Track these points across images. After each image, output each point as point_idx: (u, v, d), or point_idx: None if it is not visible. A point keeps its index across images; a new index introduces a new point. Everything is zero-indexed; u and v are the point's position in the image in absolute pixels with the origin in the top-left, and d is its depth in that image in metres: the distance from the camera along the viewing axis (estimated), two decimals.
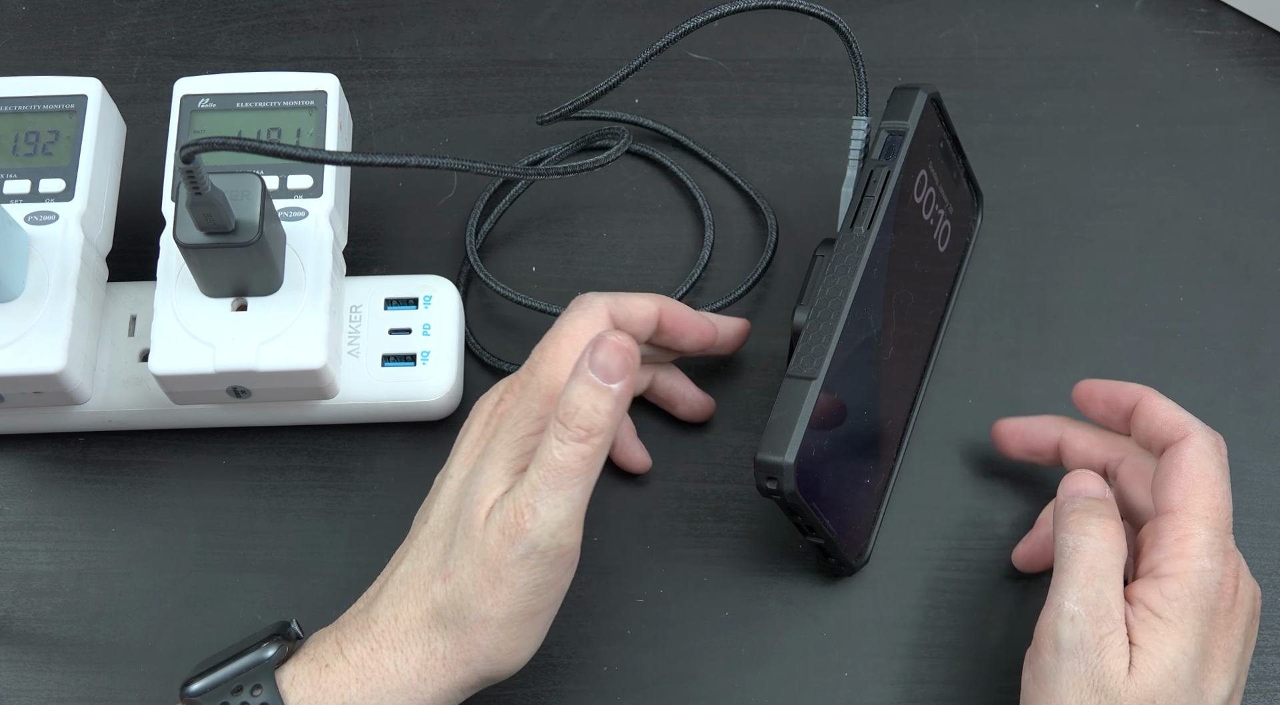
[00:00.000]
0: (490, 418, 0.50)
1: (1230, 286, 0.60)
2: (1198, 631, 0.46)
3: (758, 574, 0.55)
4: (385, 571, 0.49)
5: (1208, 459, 0.48)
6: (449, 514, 0.48)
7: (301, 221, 0.54)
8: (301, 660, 0.47)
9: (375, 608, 0.48)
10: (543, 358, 0.49)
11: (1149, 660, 0.45)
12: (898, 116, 0.53)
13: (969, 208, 0.59)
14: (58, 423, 0.56)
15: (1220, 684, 0.46)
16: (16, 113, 0.55)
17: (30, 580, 0.55)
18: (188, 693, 0.46)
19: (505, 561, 0.45)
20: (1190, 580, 0.46)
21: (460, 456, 0.50)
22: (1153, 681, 0.45)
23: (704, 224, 0.61)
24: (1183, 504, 0.48)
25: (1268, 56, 0.65)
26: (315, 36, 0.67)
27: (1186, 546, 0.47)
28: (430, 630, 0.47)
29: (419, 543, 0.48)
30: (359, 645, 0.47)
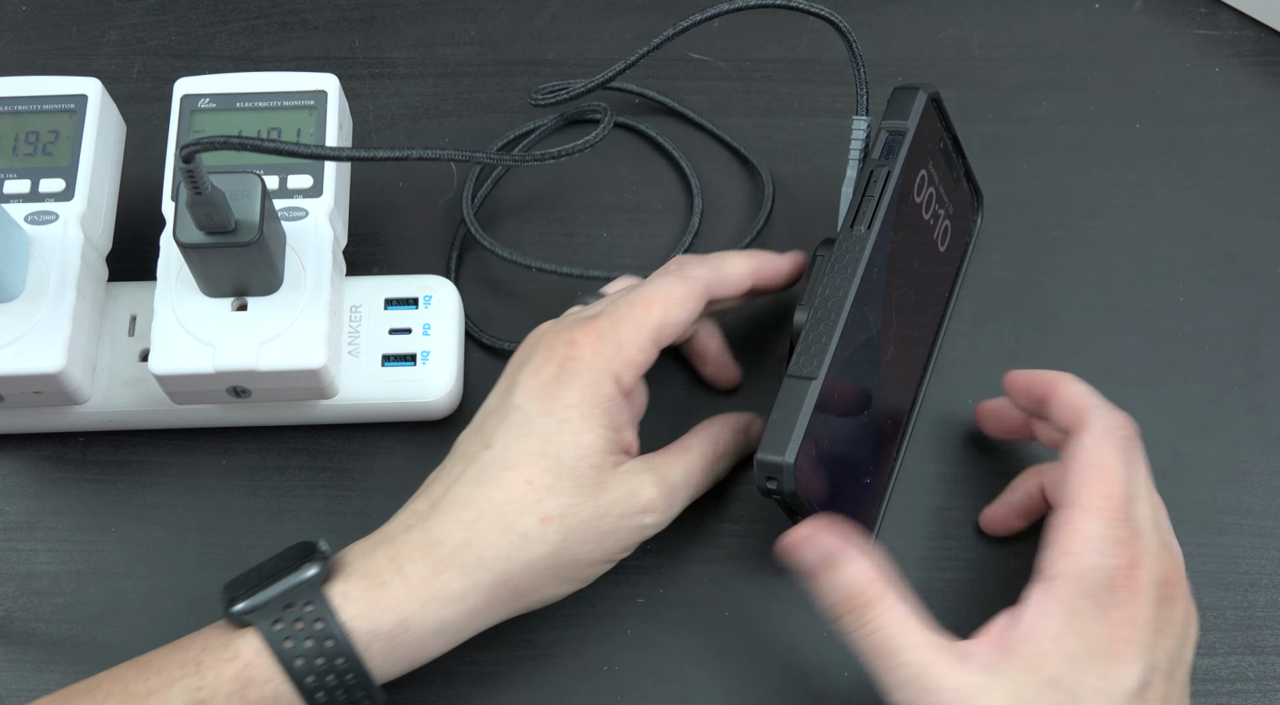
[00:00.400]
0: (562, 359, 0.49)
1: (1230, 286, 0.60)
2: (1087, 633, 0.45)
3: (758, 574, 0.55)
4: (434, 489, 0.49)
5: (1103, 445, 0.47)
6: (531, 451, 0.48)
7: (301, 221, 0.54)
8: (352, 577, 0.47)
9: (440, 528, 0.47)
10: (629, 315, 0.50)
11: (1026, 672, 0.44)
12: (898, 116, 0.53)
13: (969, 208, 0.59)
14: (58, 423, 0.56)
15: (1126, 676, 0.44)
16: (16, 113, 0.55)
17: (30, 580, 0.55)
18: (234, 612, 0.46)
19: (628, 526, 0.49)
20: (1077, 580, 0.45)
21: (524, 389, 0.49)
22: (1030, 695, 0.44)
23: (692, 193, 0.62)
24: (1074, 498, 0.47)
25: (1268, 56, 0.65)
26: (315, 36, 0.67)
27: (1072, 543, 0.46)
28: (509, 562, 0.47)
29: (489, 471, 0.48)
30: (420, 565, 0.47)
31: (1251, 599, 0.55)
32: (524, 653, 0.54)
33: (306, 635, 0.45)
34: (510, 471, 0.48)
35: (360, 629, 0.46)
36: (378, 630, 0.46)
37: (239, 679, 0.45)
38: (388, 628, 0.46)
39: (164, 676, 0.45)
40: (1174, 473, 0.56)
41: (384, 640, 0.46)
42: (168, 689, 0.45)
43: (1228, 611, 0.54)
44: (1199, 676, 0.53)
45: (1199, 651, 0.53)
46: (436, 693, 0.52)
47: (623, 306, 0.50)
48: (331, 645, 0.45)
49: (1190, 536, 0.55)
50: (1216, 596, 0.55)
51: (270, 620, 0.46)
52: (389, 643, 0.46)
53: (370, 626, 0.46)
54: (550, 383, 0.49)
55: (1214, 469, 0.57)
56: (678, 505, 0.51)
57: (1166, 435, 0.57)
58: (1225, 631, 0.54)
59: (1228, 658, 0.54)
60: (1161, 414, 0.58)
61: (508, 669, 0.53)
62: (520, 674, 0.53)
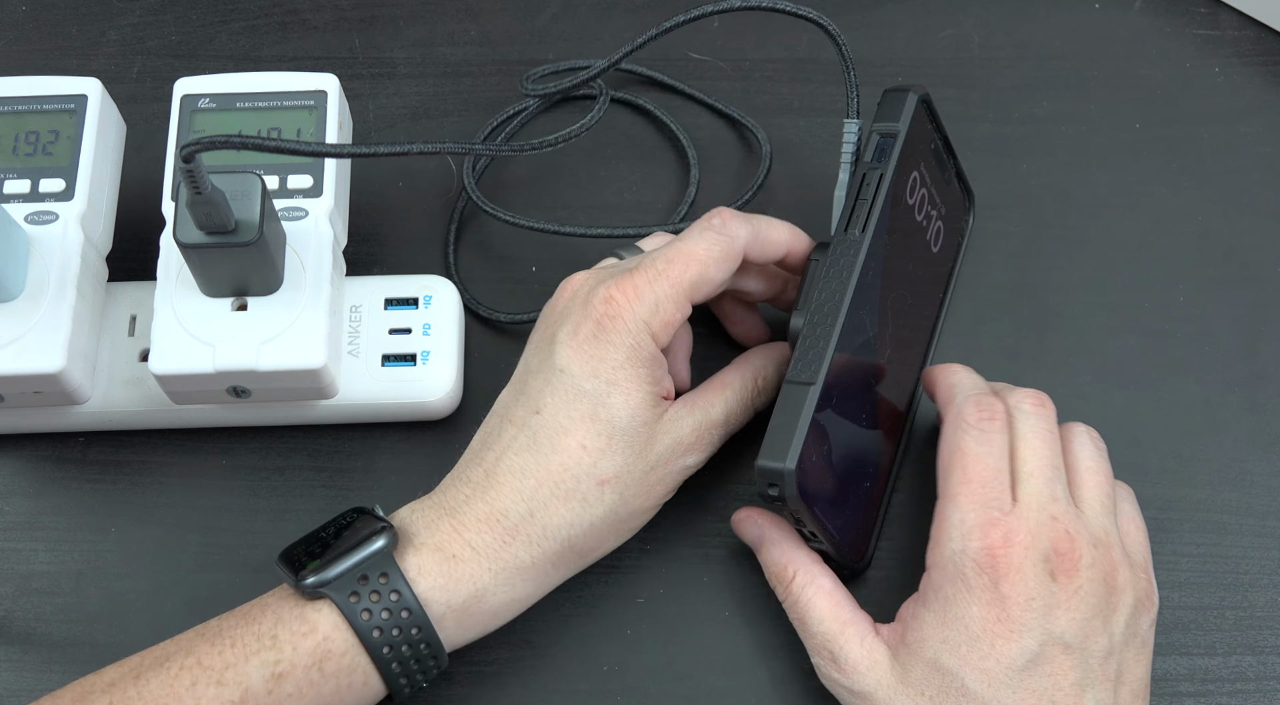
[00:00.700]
0: (600, 317, 0.49)
1: (1230, 286, 0.60)
2: (962, 615, 0.47)
3: (757, 574, 0.55)
4: (485, 456, 0.49)
5: (957, 433, 0.50)
6: (582, 414, 0.48)
7: (301, 221, 0.54)
8: (423, 549, 0.47)
9: (502, 499, 0.48)
10: (667, 272, 0.50)
11: (910, 656, 0.48)
12: (889, 119, 0.53)
13: (961, 207, 0.59)
14: (58, 423, 0.56)
15: (1010, 653, 0.46)
16: (16, 113, 0.55)
17: (30, 580, 0.55)
18: (307, 584, 0.46)
19: (673, 470, 0.51)
20: (945, 567, 0.47)
21: (566, 349, 0.49)
22: (916, 676, 0.47)
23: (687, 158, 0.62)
24: (941, 489, 0.49)
25: (1268, 56, 0.65)
26: (315, 36, 0.67)
27: (938, 532, 0.48)
28: (573, 528, 0.49)
29: (540, 437, 0.49)
30: (488, 537, 0.48)
31: (1251, 599, 0.55)
32: (524, 653, 0.54)
33: (383, 607, 0.46)
34: (564, 437, 0.48)
35: (436, 601, 0.47)
36: (452, 601, 0.47)
37: (316, 651, 0.46)
38: (461, 600, 0.47)
39: (239, 650, 0.46)
40: (1174, 473, 0.56)
41: (458, 611, 0.48)
42: (244, 662, 0.45)
43: (1228, 611, 0.54)
44: (1199, 676, 0.53)
45: (1199, 650, 0.54)
46: (437, 692, 0.52)
47: (660, 262, 0.50)
48: (407, 616, 0.46)
49: (1190, 536, 0.55)
50: (1216, 596, 0.55)
51: (346, 593, 0.46)
52: (462, 613, 0.48)
53: (445, 598, 0.47)
54: (591, 342, 0.49)
55: (1214, 469, 0.57)
56: (717, 442, 0.53)
57: (1166, 435, 0.57)
58: (1225, 631, 0.54)
59: (1228, 658, 0.53)
60: (1161, 414, 0.58)
61: (508, 669, 0.53)
62: (520, 674, 0.53)
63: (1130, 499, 0.52)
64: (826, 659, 0.49)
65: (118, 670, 0.46)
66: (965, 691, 0.46)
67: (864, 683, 0.48)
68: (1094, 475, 0.50)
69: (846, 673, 0.49)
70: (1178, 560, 0.55)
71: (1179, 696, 0.53)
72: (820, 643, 0.50)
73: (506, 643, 0.53)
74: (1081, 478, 0.50)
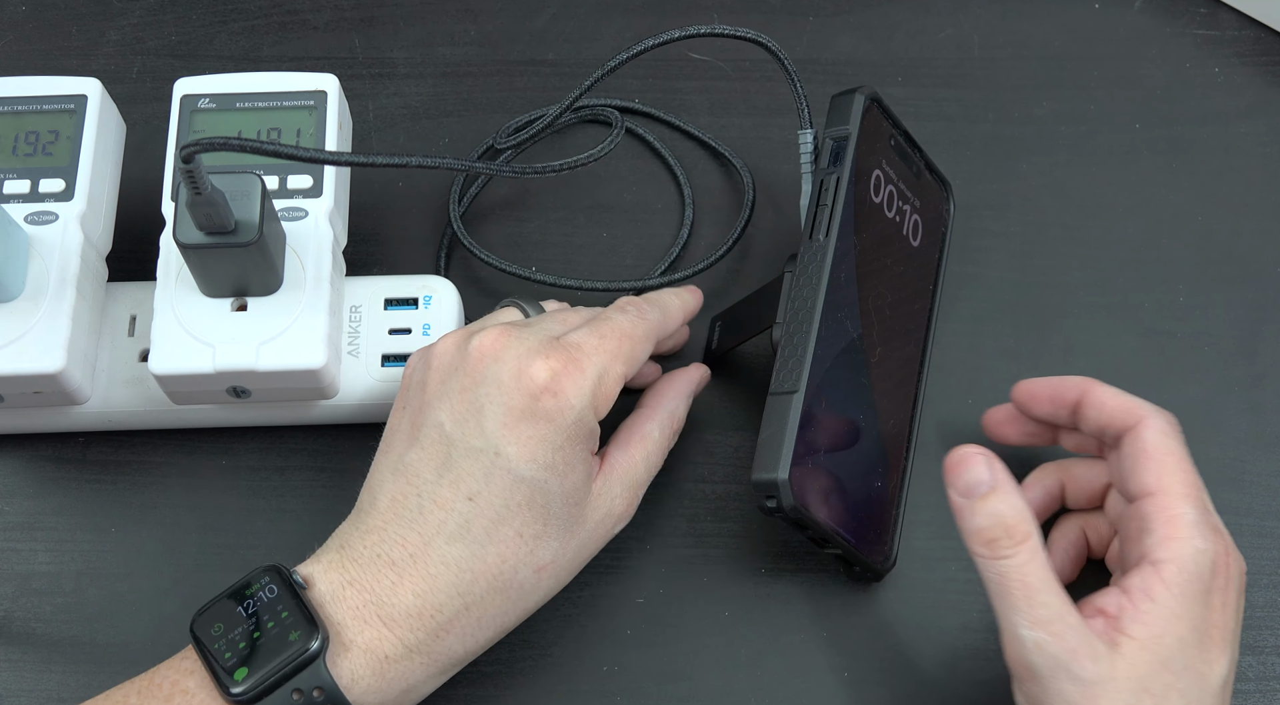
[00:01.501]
0: (539, 392, 0.47)
1: (1230, 286, 0.60)
2: (1195, 616, 0.45)
3: (758, 574, 0.55)
4: (407, 536, 0.46)
5: (1171, 439, 0.48)
6: (519, 502, 0.46)
7: (301, 221, 0.54)
8: (353, 651, 0.45)
9: (435, 595, 0.46)
10: (605, 347, 0.49)
11: (1142, 652, 0.44)
12: (839, 122, 0.53)
13: (938, 198, 0.59)
14: (58, 423, 0.56)
15: (1219, 663, 0.45)
16: (16, 113, 0.55)
17: (30, 580, 0.55)
18: (238, 696, 0.44)
19: (603, 537, 0.50)
20: (1187, 564, 0.45)
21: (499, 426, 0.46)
22: (1144, 671, 0.44)
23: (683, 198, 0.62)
24: (1160, 485, 0.47)
25: (1268, 56, 0.65)
26: (315, 36, 0.67)
27: (1177, 528, 0.46)
28: (507, 617, 0.48)
29: (474, 527, 0.46)
30: (421, 633, 0.46)
31: (1251, 599, 0.54)
32: (524, 653, 0.54)
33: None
34: (500, 527, 0.46)
35: (369, 704, 0.46)
36: (385, 701, 0.46)
37: None
38: (394, 696, 0.46)
39: None
40: None
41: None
42: None
43: None
44: None
45: None
46: (437, 692, 0.52)
47: (594, 337, 0.49)
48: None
49: None
50: None
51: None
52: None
53: (378, 699, 0.46)
54: (528, 423, 0.47)
55: (1214, 469, 0.57)
56: (640, 498, 0.52)
57: None
58: None
59: None
60: None
61: (508, 669, 0.53)
62: (520, 674, 0.53)
63: None
64: (1055, 635, 0.44)
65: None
66: (1184, 694, 0.44)
67: (1093, 671, 0.44)
68: None
69: (1079, 660, 0.44)
70: None
71: None
72: (1048, 616, 0.44)
73: (506, 643, 0.53)
74: None
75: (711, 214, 0.62)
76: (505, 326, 0.49)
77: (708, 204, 0.62)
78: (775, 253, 0.61)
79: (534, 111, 0.64)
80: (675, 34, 0.55)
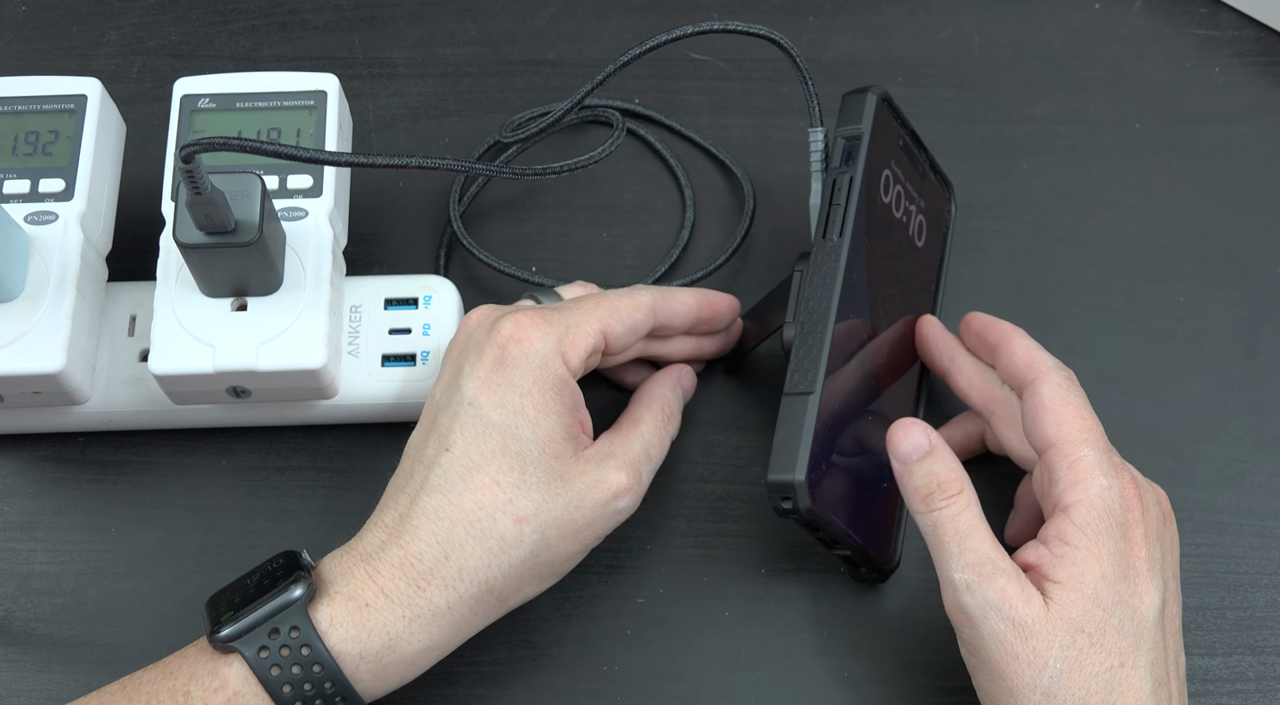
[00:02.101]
0: (505, 341, 0.48)
1: (1230, 286, 0.60)
2: (1114, 551, 0.46)
3: (758, 574, 0.55)
4: (399, 499, 0.48)
5: (1068, 391, 0.49)
6: (492, 448, 0.47)
7: (301, 221, 0.54)
8: (336, 599, 0.46)
9: (415, 543, 0.47)
10: (579, 305, 0.50)
11: (1068, 593, 0.46)
12: (851, 122, 0.53)
13: (941, 198, 0.59)
14: (58, 423, 0.56)
15: (1150, 595, 0.46)
16: (16, 113, 0.55)
17: (30, 580, 0.55)
18: (219, 637, 0.45)
19: (602, 514, 0.49)
20: (1095, 503, 0.47)
21: (472, 380, 0.48)
22: (1076, 612, 0.45)
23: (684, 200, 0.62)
24: (1059, 434, 0.48)
25: (1268, 56, 0.65)
26: (315, 36, 0.67)
27: (1079, 471, 0.47)
28: (490, 569, 0.47)
29: (451, 475, 0.47)
30: (401, 583, 0.46)
31: (1251, 599, 0.55)
32: (524, 653, 0.54)
33: (293, 661, 0.45)
34: (475, 474, 0.47)
35: (348, 652, 0.45)
36: (365, 652, 0.46)
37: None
38: (375, 650, 0.46)
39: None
40: (1174, 473, 0.56)
41: (371, 661, 0.46)
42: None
43: (1228, 611, 0.54)
44: (1199, 676, 0.53)
45: (1199, 651, 0.54)
46: (436, 692, 0.52)
47: (574, 302, 0.50)
48: (319, 671, 0.45)
49: (1190, 536, 0.55)
50: (1216, 596, 0.55)
51: (256, 647, 0.45)
52: (376, 664, 0.46)
53: (358, 649, 0.46)
54: (497, 370, 0.48)
55: (1214, 469, 0.57)
56: (645, 481, 0.51)
57: (1166, 435, 0.57)
58: (1225, 631, 0.54)
59: (1228, 658, 0.54)
60: (1161, 414, 0.58)
61: (508, 669, 0.53)
62: (520, 674, 0.53)
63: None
64: (984, 576, 0.46)
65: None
66: (1120, 629, 0.46)
67: (1025, 613, 0.45)
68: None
69: (1008, 599, 0.45)
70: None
71: None
72: (978, 558, 0.46)
73: (506, 643, 0.53)
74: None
75: (712, 214, 0.62)
76: (496, 305, 0.51)
77: (707, 204, 0.62)
78: (775, 253, 0.61)
79: (538, 108, 0.64)
80: (688, 29, 0.55)
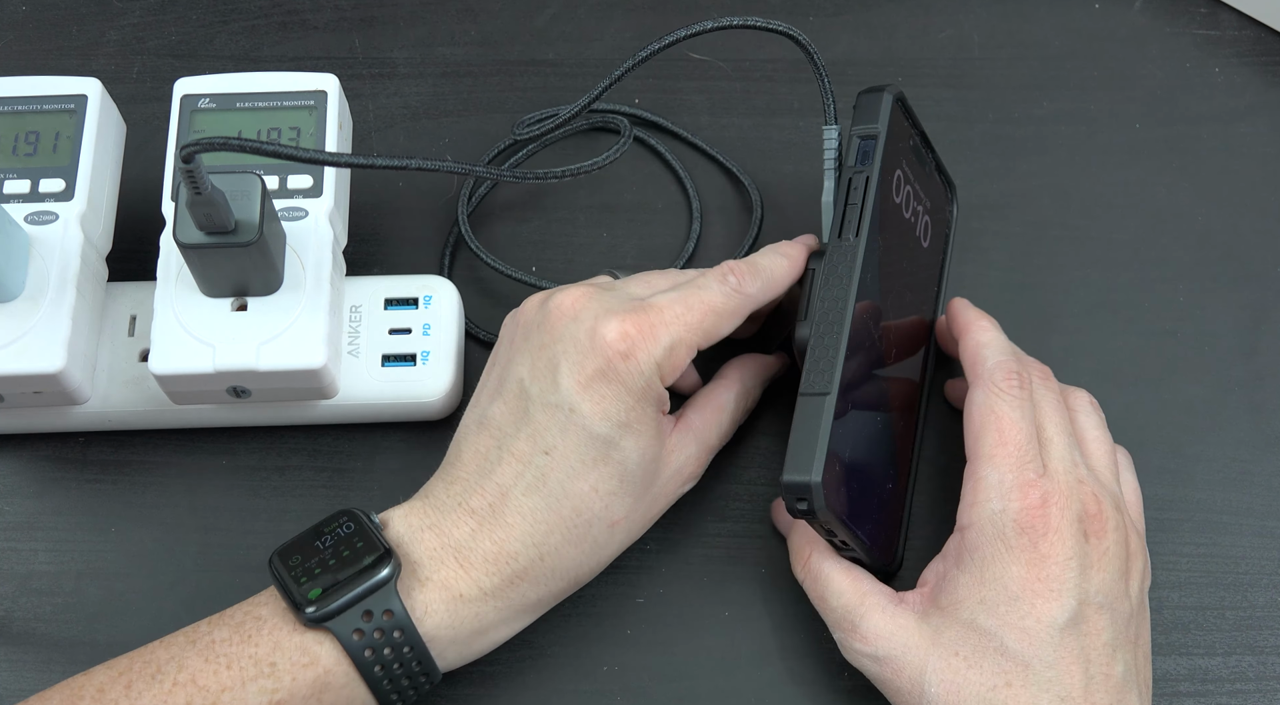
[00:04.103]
0: (613, 355, 0.48)
1: (1230, 286, 0.60)
2: (999, 576, 0.47)
3: (757, 574, 0.55)
4: (487, 486, 0.48)
5: (992, 396, 0.49)
6: (594, 457, 0.47)
7: (301, 221, 0.54)
8: (428, 585, 0.47)
9: (511, 543, 0.47)
10: (683, 318, 0.49)
11: (945, 619, 0.47)
12: (867, 121, 0.53)
13: (944, 200, 0.59)
14: (58, 423, 0.56)
15: (1051, 612, 0.46)
16: (16, 113, 0.55)
17: (30, 580, 0.55)
18: (311, 615, 0.45)
19: (672, 495, 0.52)
20: (985, 527, 0.47)
21: (574, 384, 0.47)
22: (950, 637, 0.47)
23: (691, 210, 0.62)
24: (972, 449, 0.49)
25: (1268, 56, 0.65)
26: (315, 36, 0.67)
27: (976, 493, 0.48)
28: (581, 568, 0.49)
29: (551, 479, 0.47)
30: (496, 578, 0.47)
31: (1251, 599, 0.55)
32: (524, 653, 0.54)
33: (386, 644, 0.46)
34: (576, 481, 0.48)
35: (440, 637, 0.47)
36: (457, 637, 0.47)
37: (316, 684, 0.46)
38: (466, 635, 0.47)
39: (235, 673, 0.45)
40: (1174, 473, 0.56)
41: (461, 645, 0.48)
42: (241, 688, 0.45)
43: (1228, 611, 0.54)
44: (1199, 676, 0.53)
45: (1199, 650, 0.54)
46: (437, 692, 0.52)
47: (678, 306, 0.49)
48: (409, 652, 0.46)
49: (1190, 536, 0.55)
50: (1216, 596, 0.55)
51: (350, 628, 0.46)
52: (464, 647, 0.48)
53: (450, 636, 0.47)
54: (601, 381, 0.48)
55: (1214, 469, 0.57)
56: (708, 462, 0.53)
57: (1166, 435, 0.57)
58: (1225, 631, 0.54)
59: (1228, 658, 0.53)
60: (1161, 414, 0.58)
61: (507, 669, 0.53)
62: (521, 674, 0.53)
63: (1130, 467, 0.53)
64: (848, 630, 0.49)
65: (106, 673, 0.46)
66: (1004, 651, 0.46)
67: (889, 646, 0.48)
68: (1100, 444, 0.51)
69: (870, 640, 0.48)
70: (1177, 560, 0.55)
71: (1179, 696, 0.53)
72: (840, 616, 0.49)
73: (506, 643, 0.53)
74: (1089, 446, 0.51)
75: (713, 215, 0.62)
76: (588, 286, 0.50)
77: (709, 205, 0.62)
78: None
79: (548, 109, 0.63)
80: (708, 24, 0.54)
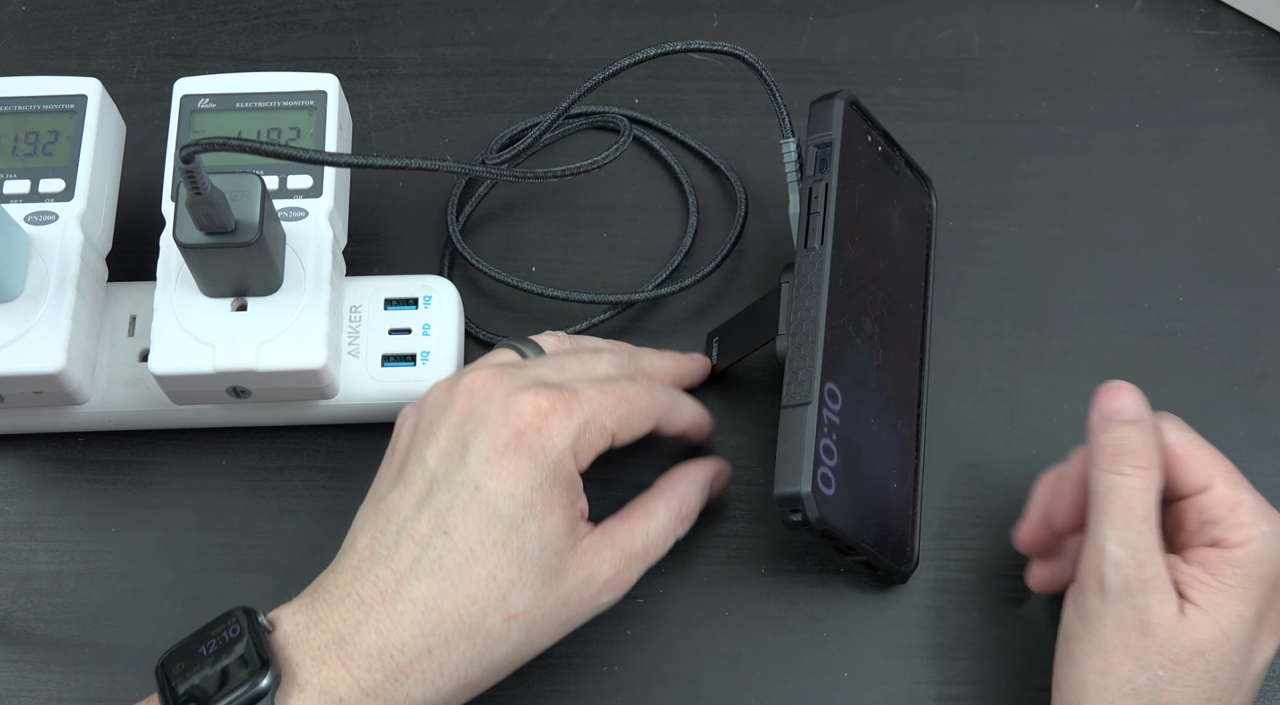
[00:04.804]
0: (524, 428, 0.46)
1: (1230, 286, 0.60)
2: (1258, 597, 0.46)
3: (758, 574, 0.55)
4: (379, 572, 0.45)
5: (1190, 433, 0.48)
6: (495, 541, 0.45)
7: (301, 221, 0.54)
8: (306, 691, 0.44)
9: (398, 633, 0.44)
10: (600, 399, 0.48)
11: (1204, 617, 0.45)
12: (821, 129, 0.53)
13: (920, 193, 0.59)
14: (58, 423, 0.57)
15: (1268, 645, 0.47)
16: (16, 113, 0.55)
17: (30, 580, 0.55)
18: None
19: (586, 608, 0.48)
20: (1257, 547, 0.46)
21: (480, 460, 0.46)
22: (1205, 637, 0.45)
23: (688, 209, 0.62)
24: (1208, 479, 0.47)
25: (1268, 56, 0.65)
26: (315, 36, 0.67)
27: (1241, 515, 0.47)
28: (472, 666, 0.46)
29: (447, 563, 0.45)
30: (379, 674, 0.44)
31: None
32: None
33: None
34: (474, 565, 0.45)
35: None
36: None
37: None
38: None
39: None
40: None
41: None
42: None
43: None
44: None
45: None
46: None
47: (593, 389, 0.48)
48: None
49: None
50: None
51: None
52: None
53: None
54: (510, 456, 0.46)
55: None
56: (635, 576, 0.50)
57: None
58: None
59: None
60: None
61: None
62: (520, 674, 0.53)
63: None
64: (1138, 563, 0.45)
65: None
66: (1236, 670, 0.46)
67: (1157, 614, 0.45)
68: None
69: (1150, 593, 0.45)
70: None
71: None
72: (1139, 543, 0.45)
73: None
74: None
75: (711, 215, 0.62)
76: (498, 367, 0.49)
77: (706, 205, 0.62)
78: (771, 256, 0.61)
79: (529, 119, 0.63)
80: (650, 52, 0.55)
